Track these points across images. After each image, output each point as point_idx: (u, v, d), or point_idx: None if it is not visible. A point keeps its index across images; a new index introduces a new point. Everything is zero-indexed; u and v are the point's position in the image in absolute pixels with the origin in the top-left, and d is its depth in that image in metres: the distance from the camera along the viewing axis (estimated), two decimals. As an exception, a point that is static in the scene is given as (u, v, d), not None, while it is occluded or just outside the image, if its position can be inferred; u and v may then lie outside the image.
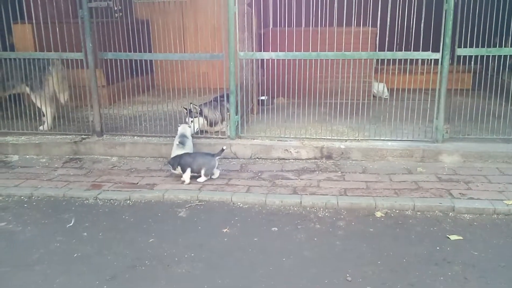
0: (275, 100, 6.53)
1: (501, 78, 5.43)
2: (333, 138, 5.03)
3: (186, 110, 5.15)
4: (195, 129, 5.07)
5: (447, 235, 3.28)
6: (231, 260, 3.04)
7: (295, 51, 4.93)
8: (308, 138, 5.05)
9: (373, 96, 6.68)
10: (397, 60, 4.81)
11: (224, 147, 4.46)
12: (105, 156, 5.04)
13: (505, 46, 4.93)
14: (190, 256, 3.09)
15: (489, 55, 4.83)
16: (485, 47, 4.69)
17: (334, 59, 5.04)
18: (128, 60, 5.51)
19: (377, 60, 6.17)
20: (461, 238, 3.24)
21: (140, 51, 5.31)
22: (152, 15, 7.49)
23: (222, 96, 5.28)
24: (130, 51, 5.41)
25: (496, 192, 3.86)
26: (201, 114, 5.14)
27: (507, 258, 2.98)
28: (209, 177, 4.33)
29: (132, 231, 3.44)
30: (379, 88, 6.76)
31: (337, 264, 2.99)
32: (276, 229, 3.46)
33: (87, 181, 4.35)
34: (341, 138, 5.04)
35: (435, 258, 3.01)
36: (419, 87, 5.29)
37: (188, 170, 4.23)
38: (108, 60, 5.40)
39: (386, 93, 6.73)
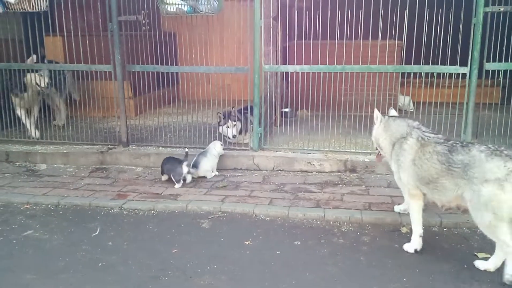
0: (298, 113, 6.53)
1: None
2: (357, 151, 4.99)
3: (222, 115, 5.19)
4: (233, 134, 5.14)
5: (475, 253, 3.19)
6: (254, 273, 3.03)
7: (320, 64, 4.94)
8: (331, 151, 5.02)
9: (399, 109, 6.60)
10: (423, 74, 4.75)
11: (186, 150, 4.58)
12: (130, 166, 5.13)
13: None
14: (213, 268, 3.10)
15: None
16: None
17: (360, 72, 5.01)
18: (154, 72, 5.62)
19: (403, 73, 6.11)
20: (489, 256, 3.14)
21: (166, 64, 5.41)
22: (179, 28, 7.64)
23: (246, 108, 5.32)
24: (156, 64, 5.52)
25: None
26: (239, 119, 5.20)
27: (540, 279, 2.87)
28: (180, 183, 4.46)
29: (156, 242, 3.47)
30: (405, 101, 6.68)
31: (362, 280, 2.94)
32: (299, 242, 3.44)
33: (113, 191, 4.43)
34: (365, 151, 4.99)
35: (462, 277, 2.92)
36: (445, 100, 5.20)
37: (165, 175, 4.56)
38: (136, 72, 5.52)
39: (411, 107, 6.65)
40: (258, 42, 4.83)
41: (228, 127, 5.10)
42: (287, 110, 6.34)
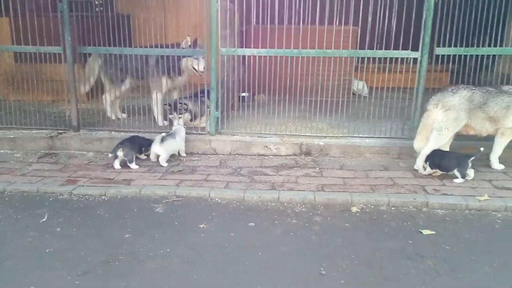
0: (256, 97, 6.52)
1: (478, 78, 5.52)
2: (312, 135, 5.06)
3: (170, 107, 5.11)
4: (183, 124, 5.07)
5: (420, 230, 3.33)
6: (207, 256, 3.04)
7: (277, 48, 4.94)
8: (288, 134, 5.08)
9: (353, 94, 6.74)
10: (377, 59, 4.86)
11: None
12: (82, 152, 4.98)
13: (482, 46, 5.01)
14: (166, 251, 3.07)
15: (467, 55, 4.90)
16: (463, 46, 4.77)
17: (315, 56, 5.06)
18: (107, 55, 5.44)
19: (358, 58, 6.22)
20: (433, 233, 3.30)
21: (120, 46, 5.23)
22: (133, 10, 7.39)
23: (202, 92, 5.26)
24: (110, 46, 5.33)
25: (469, 188, 3.94)
26: (187, 110, 5.13)
27: (478, 253, 3.04)
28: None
29: (107, 227, 3.40)
30: (359, 86, 6.82)
31: (313, 258, 3.01)
32: (253, 224, 3.47)
33: (62, 177, 4.29)
34: (320, 135, 5.08)
35: (408, 253, 3.05)
36: (398, 85, 5.35)
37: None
38: (87, 54, 5.31)
39: (365, 91, 6.79)
40: (215, 24, 4.77)
41: (175, 119, 5.02)
42: (245, 94, 6.33)
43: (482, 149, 4.14)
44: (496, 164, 4.42)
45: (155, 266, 2.91)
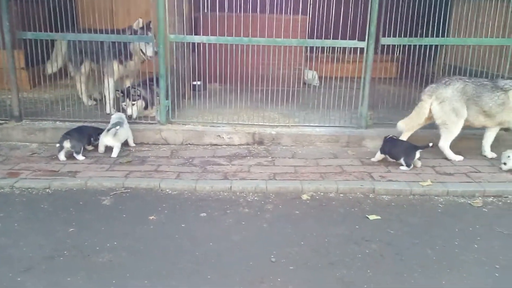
0: (208, 86, 6.45)
1: (422, 67, 5.75)
2: (265, 124, 5.08)
3: (123, 94, 4.94)
4: (136, 112, 4.97)
5: (367, 215, 3.45)
6: (156, 247, 2.99)
7: (228, 36, 4.89)
8: (240, 124, 5.07)
9: (305, 83, 6.82)
10: (326, 48, 4.93)
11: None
12: (24, 143, 4.73)
13: (426, 36, 5.21)
14: (113, 245, 2.99)
15: (411, 45, 5.07)
16: (408, 37, 4.93)
17: (266, 45, 5.06)
18: (49, 41, 5.16)
19: (309, 48, 6.29)
20: (379, 217, 3.42)
21: (63, 32, 4.98)
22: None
23: (151, 80, 5.12)
24: (52, 31, 5.06)
25: (413, 174, 4.12)
26: (141, 97, 4.98)
27: (421, 236, 3.19)
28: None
29: (51, 221, 3.26)
30: (310, 75, 6.91)
31: (263, 246, 3.04)
32: (204, 214, 3.45)
33: (3, 169, 4.05)
34: (272, 124, 5.11)
35: (354, 237, 3.15)
36: (348, 75, 5.47)
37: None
38: (29, 40, 5.01)
39: (316, 81, 6.90)
40: (162, 10, 4.64)
41: (128, 107, 4.89)
42: (197, 83, 6.23)
43: (431, 144, 4.24)
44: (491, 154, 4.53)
45: (101, 260, 2.83)
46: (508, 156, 4.09)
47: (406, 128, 4.52)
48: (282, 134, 4.92)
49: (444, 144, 4.42)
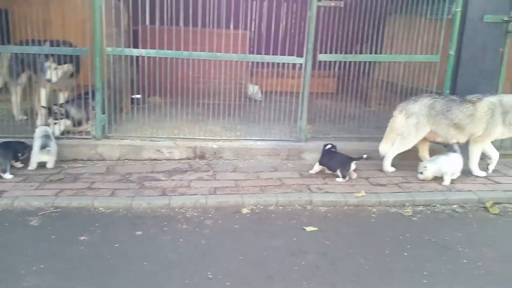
0: (149, 99, 6.33)
1: (358, 83, 5.99)
2: (206, 138, 5.05)
3: (48, 110, 4.72)
4: (60, 132, 4.71)
5: (304, 227, 3.50)
6: (86, 269, 2.84)
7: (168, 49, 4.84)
8: (181, 138, 5.00)
9: (248, 97, 6.89)
10: (270, 64, 5.02)
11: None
12: None
13: (361, 53, 5.45)
14: (39, 268, 2.82)
15: (348, 61, 5.26)
16: (344, 53, 5.13)
17: (207, 59, 5.06)
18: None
19: (253, 63, 6.38)
20: (316, 229, 3.49)
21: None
22: (11, 5, 6.71)
23: (87, 93, 4.94)
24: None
25: (349, 185, 4.25)
26: (66, 115, 4.76)
27: (355, 245, 3.28)
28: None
29: (-30, 245, 3.02)
30: (253, 90, 6.99)
31: (200, 263, 2.99)
32: (140, 232, 3.34)
33: None
34: (214, 138, 5.09)
35: (292, 249, 3.18)
36: (289, 90, 5.59)
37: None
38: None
39: (259, 95, 6.99)
40: (99, 22, 4.52)
41: (51, 124, 4.68)
42: (137, 96, 6.10)
43: (365, 156, 4.39)
44: (476, 172, 4.59)
45: (27, 284, 2.65)
46: (425, 167, 4.34)
47: (388, 147, 4.67)
48: (224, 147, 4.91)
49: (392, 153, 4.64)
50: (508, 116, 4.39)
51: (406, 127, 4.55)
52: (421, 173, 4.36)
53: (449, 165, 4.31)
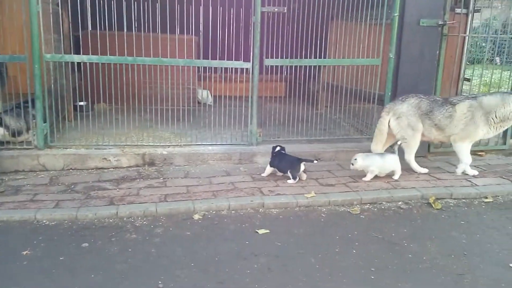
0: (95, 106, 6.14)
1: (307, 87, 6.12)
2: (155, 144, 4.97)
3: None
4: None
5: (256, 230, 3.51)
6: (30, 285, 2.70)
7: (111, 55, 4.71)
8: (129, 145, 4.88)
9: (198, 102, 6.85)
10: (219, 69, 5.01)
11: None
12: None
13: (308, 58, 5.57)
14: (-25, 288, 2.64)
15: (296, 65, 5.37)
16: (292, 58, 5.23)
17: (152, 64, 4.98)
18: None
19: (202, 68, 6.35)
20: (268, 231, 3.51)
21: None
22: None
23: (26, 102, 4.70)
24: None
25: (299, 187, 4.32)
26: (4, 124, 4.50)
27: (306, 246, 3.33)
28: None
29: None
30: (204, 95, 6.96)
31: (151, 272, 2.92)
32: (87, 244, 3.22)
33: None
34: (164, 144, 5.01)
35: (244, 253, 3.18)
36: (240, 94, 5.62)
37: None
38: None
39: (210, 100, 6.97)
40: (36, 28, 4.33)
41: None
42: (82, 103, 5.89)
43: (315, 161, 4.47)
44: (469, 171, 4.71)
45: (-40, 308, 2.48)
46: (355, 159, 4.48)
47: (379, 147, 4.76)
48: (174, 154, 4.84)
49: (408, 157, 4.73)
50: (491, 116, 4.48)
51: (401, 130, 4.65)
52: (352, 164, 4.51)
53: (376, 164, 4.46)
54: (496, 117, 4.51)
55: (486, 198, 4.27)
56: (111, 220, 3.60)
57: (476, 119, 4.51)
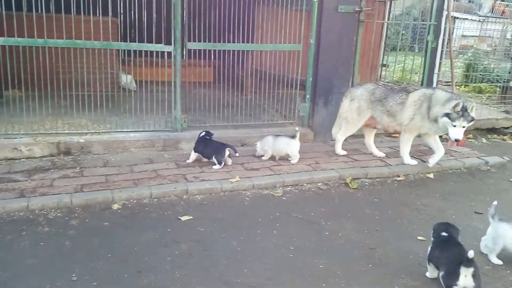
0: (5, 93, 5.64)
1: (234, 72, 6.09)
2: (72, 132, 4.70)
3: None
4: None
5: (179, 217, 3.47)
6: None
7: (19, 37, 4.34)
8: (42, 133, 4.57)
9: (121, 88, 6.55)
10: (142, 52, 4.80)
11: None
12: None
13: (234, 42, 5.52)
14: None
15: (222, 50, 5.27)
16: (217, 42, 5.15)
17: (66, 47, 4.67)
18: None
19: (124, 51, 6.06)
20: (191, 217, 3.48)
21: None
22: None
23: None
24: None
25: (225, 172, 4.32)
26: None
27: (228, 230, 3.35)
28: None
29: None
30: (127, 80, 6.68)
31: (64, 266, 2.78)
32: (-7, 240, 2.99)
33: None
34: (81, 131, 4.76)
35: (165, 241, 3.13)
36: (165, 79, 5.43)
37: None
38: None
39: (133, 85, 6.71)
40: None
41: None
42: (-11, 90, 5.40)
43: (237, 154, 4.46)
44: (407, 160, 4.71)
45: None
46: (256, 144, 4.69)
47: (337, 130, 4.96)
48: (92, 141, 4.61)
49: (340, 137, 4.92)
50: (431, 111, 4.36)
51: (350, 111, 4.82)
52: (256, 150, 4.69)
53: (268, 144, 4.61)
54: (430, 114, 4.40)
55: (399, 176, 4.57)
56: (21, 214, 3.38)
57: (422, 110, 4.45)
